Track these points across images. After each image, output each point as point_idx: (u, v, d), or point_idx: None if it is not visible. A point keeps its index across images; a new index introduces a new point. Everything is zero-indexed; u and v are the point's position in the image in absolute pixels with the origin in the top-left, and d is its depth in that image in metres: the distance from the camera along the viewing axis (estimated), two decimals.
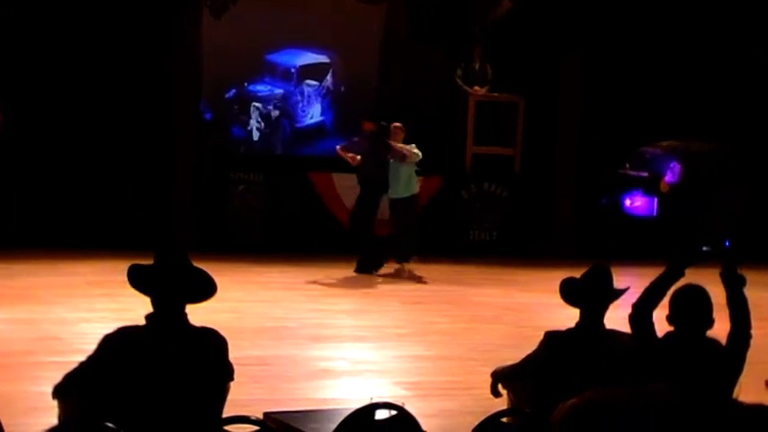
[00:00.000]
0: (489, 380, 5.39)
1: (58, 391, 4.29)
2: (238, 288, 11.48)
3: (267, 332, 9.51)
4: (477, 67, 16.09)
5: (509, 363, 5.38)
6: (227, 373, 4.41)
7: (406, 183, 13.30)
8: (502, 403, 5.33)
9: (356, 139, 14.04)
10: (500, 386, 5.37)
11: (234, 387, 4.50)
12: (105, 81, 14.69)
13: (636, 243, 15.45)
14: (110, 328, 4.38)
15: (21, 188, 14.42)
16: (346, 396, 7.42)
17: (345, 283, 12.68)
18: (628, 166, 16.58)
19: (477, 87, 16.01)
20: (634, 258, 13.21)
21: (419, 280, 13.04)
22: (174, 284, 4.26)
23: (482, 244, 15.82)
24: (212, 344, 4.35)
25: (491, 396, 5.39)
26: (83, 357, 4.36)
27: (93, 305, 10.32)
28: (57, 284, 11.42)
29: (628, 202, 16.53)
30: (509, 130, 16.19)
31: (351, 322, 10.37)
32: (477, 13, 16.21)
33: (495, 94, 16.16)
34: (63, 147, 14.58)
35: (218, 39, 15.36)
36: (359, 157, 13.61)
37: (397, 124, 13.53)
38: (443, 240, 15.40)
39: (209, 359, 4.32)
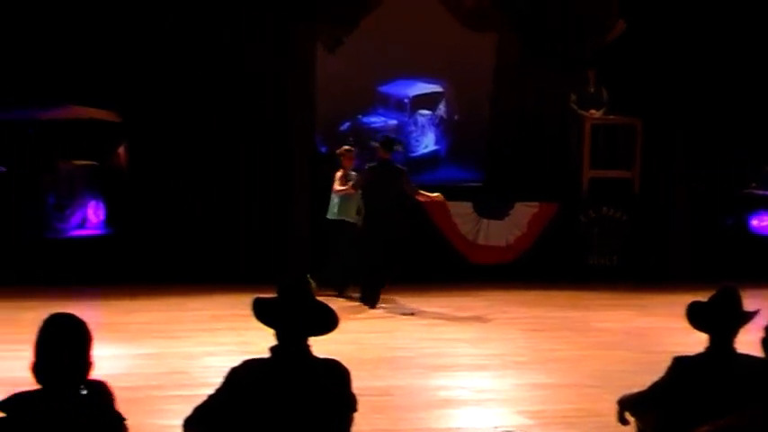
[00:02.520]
0: (615, 407, 5.30)
1: (188, 424, 4.35)
2: (356, 319, 11.56)
3: (387, 362, 9.52)
4: (591, 90, 15.95)
5: (635, 390, 5.28)
6: (350, 404, 4.42)
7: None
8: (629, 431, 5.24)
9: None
10: (627, 414, 5.27)
11: (356, 418, 4.52)
12: (223, 117, 14.96)
13: (763, 264, 15.08)
14: (234, 361, 4.44)
15: (147, 225, 14.75)
16: (469, 426, 7.39)
17: (463, 311, 12.62)
18: (754, 185, 16.24)
19: (592, 111, 15.86)
20: (760, 280, 12.89)
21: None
22: (297, 317, 4.31)
23: (602, 269, 15.60)
24: (336, 375, 4.38)
25: (617, 424, 5.30)
26: (209, 391, 4.42)
27: (218, 339, 10.48)
28: (182, 319, 11.64)
29: (755, 222, 16.16)
30: (627, 153, 15.97)
31: (470, 351, 10.31)
32: (591, 35, 16.09)
33: (612, 117, 15.98)
34: (185, 182, 14.87)
35: (332, 72, 15.55)
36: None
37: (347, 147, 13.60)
38: (562, 266, 15.26)
39: (333, 390, 4.35)
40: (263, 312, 4.38)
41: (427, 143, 16.68)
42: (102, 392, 3.79)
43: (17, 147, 14.82)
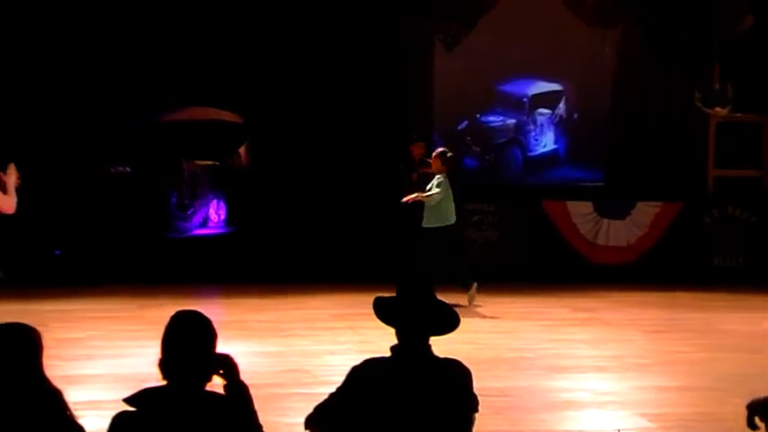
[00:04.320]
0: (741, 411, 5.16)
1: (310, 422, 4.36)
2: (475, 318, 11.51)
3: (506, 363, 9.45)
4: (716, 87, 15.61)
5: (764, 394, 5.13)
6: (472, 404, 4.38)
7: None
8: None
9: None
10: (757, 419, 5.12)
11: (476, 418, 4.48)
12: (342, 116, 15.08)
13: None
14: (353, 360, 4.44)
15: (267, 224, 14.93)
16: (591, 428, 7.30)
17: (583, 312, 12.47)
18: None
19: (717, 108, 15.52)
20: None
21: None
22: (419, 317, 4.29)
23: (727, 270, 15.25)
24: (457, 375, 4.34)
25: (744, 428, 5.15)
26: (330, 389, 4.43)
27: (337, 338, 10.54)
28: (302, 318, 11.74)
29: None
30: (753, 151, 15.58)
31: (591, 352, 10.18)
32: (717, 30, 15.74)
33: (738, 115, 15.60)
34: (305, 182, 15.03)
35: (450, 71, 15.53)
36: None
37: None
38: (686, 267, 14.96)
39: (455, 390, 4.31)
40: (384, 311, 4.37)
41: (546, 142, 16.54)
42: (242, 394, 3.84)
43: (141, 147, 15.15)
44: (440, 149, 12.86)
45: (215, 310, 11.93)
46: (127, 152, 15.11)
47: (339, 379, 4.40)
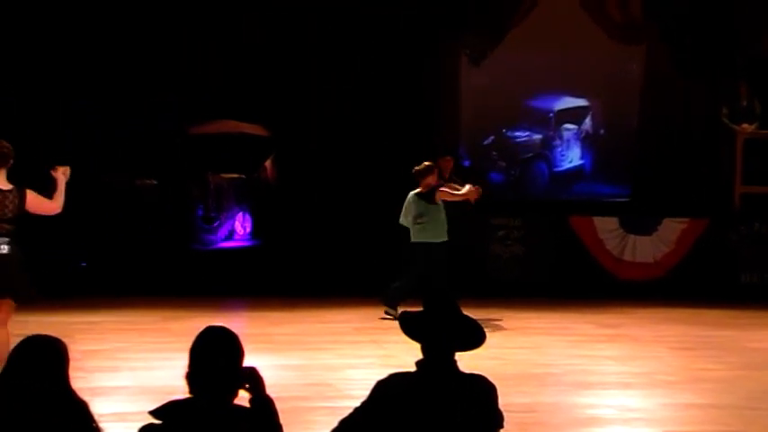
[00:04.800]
0: None
1: None
2: (500, 334, 11.46)
3: (531, 378, 9.40)
4: (744, 103, 15.53)
5: None
6: (497, 420, 4.36)
7: None
8: None
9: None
10: None
11: None
12: (367, 131, 15.09)
13: None
14: (377, 374, 4.42)
15: (292, 237, 14.95)
16: None
17: (610, 328, 12.40)
18: None
19: (745, 125, 15.43)
20: None
21: None
22: (445, 332, 4.27)
23: (754, 287, 15.13)
24: (482, 390, 4.32)
25: None
26: (354, 403, 4.42)
27: (360, 352, 10.52)
28: (326, 331, 11.73)
29: None
30: None
31: (617, 368, 10.10)
32: (743, 45, 15.67)
33: (765, 131, 15.51)
34: (330, 195, 15.04)
35: (477, 85, 15.52)
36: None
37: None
38: (713, 284, 14.87)
39: (480, 406, 4.29)
40: (411, 326, 4.36)
41: (572, 158, 16.50)
42: (267, 407, 3.84)
43: (167, 160, 15.21)
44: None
45: (239, 322, 11.94)
46: (153, 164, 15.17)
47: (362, 393, 4.39)
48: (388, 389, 4.26)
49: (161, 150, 15.20)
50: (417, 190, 12.29)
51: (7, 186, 7.69)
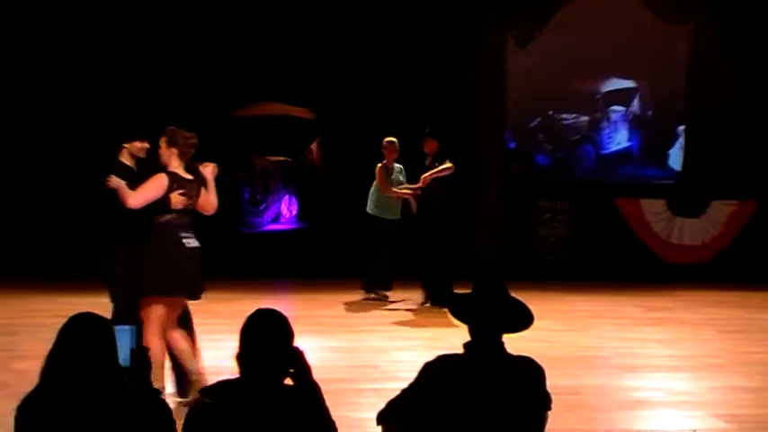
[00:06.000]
0: None
1: (382, 418, 4.37)
2: (546, 316, 11.43)
3: (578, 361, 9.38)
4: None
5: None
6: (545, 402, 4.36)
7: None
8: None
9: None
10: None
11: (549, 416, 4.45)
12: (413, 113, 15.06)
13: None
14: (423, 356, 4.43)
15: (338, 220, 14.98)
16: (664, 428, 7.21)
17: (657, 311, 12.34)
18: None
19: None
20: None
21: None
22: (493, 314, 4.28)
23: None
24: (531, 372, 4.32)
25: None
26: (400, 385, 4.43)
27: (407, 333, 10.55)
28: (372, 313, 11.78)
29: None
30: None
31: (664, 351, 10.06)
32: None
33: None
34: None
35: (523, 68, 15.45)
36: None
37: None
38: (762, 266, 14.74)
39: (528, 388, 4.29)
40: (459, 308, 4.36)
41: (619, 140, 16.39)
42: (313, 391, 3.87)
43: (213, 143, 15.27)
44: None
45: (286, 304, 12.00)
46: (199, 148, 15.23)
47: (409, 375, 4.40)
48: (436, 370, 4.27)
49: (206, 133, 15.26)
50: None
51: (189, 176, 7.42)
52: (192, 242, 7.38)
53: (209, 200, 7.58)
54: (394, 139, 12.68)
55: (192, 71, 14.86)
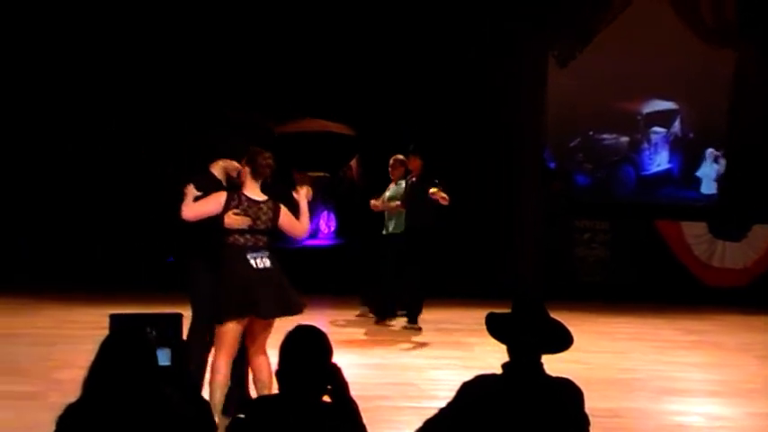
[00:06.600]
0: None
1: None
2: (585, 337, 11.34)
3: (617, 384, 9.31)
4: None
5: None
6: (583, 425, 4.33)
7: None
8: None
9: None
10: None
11: None
12: (454, 131, 15.08)
13: None
14: (459, 375, 4.42)
15: (377, 236, 14.96)
16: None
17: (695, 335, 12.25)
18: None
19: None
20: None
21: None
22: (532, 334, 4.26)
23: None
24: (569, 395, 4.29)
25: None
26: (437, 404, 4.41)
27: (443, 352, 10.52)
28: (407, 331, 11.75)
29: None
30: None
31: (702, 376, 9.98)
32: None
33: None
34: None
35: (563, 87, 15.42)
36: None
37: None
38: None
39: (566, 410, 4.26)
40: (497, 327, 4.34)
41: (660, 161, 16.29)
42: (351, 408, 3.87)
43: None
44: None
45: (322, 320, 12.00)
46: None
47: (446, 394, 4.38)
48: (474, 390, 4.25)
49: (247, 149, 15.32)
50: None
51: (261, 197, 7.33)
52: (261, 262, 7.22)
53: (293, 223, 7.47)
54: (400, 157, 12.66)
55: (236, 89, 14.95)
